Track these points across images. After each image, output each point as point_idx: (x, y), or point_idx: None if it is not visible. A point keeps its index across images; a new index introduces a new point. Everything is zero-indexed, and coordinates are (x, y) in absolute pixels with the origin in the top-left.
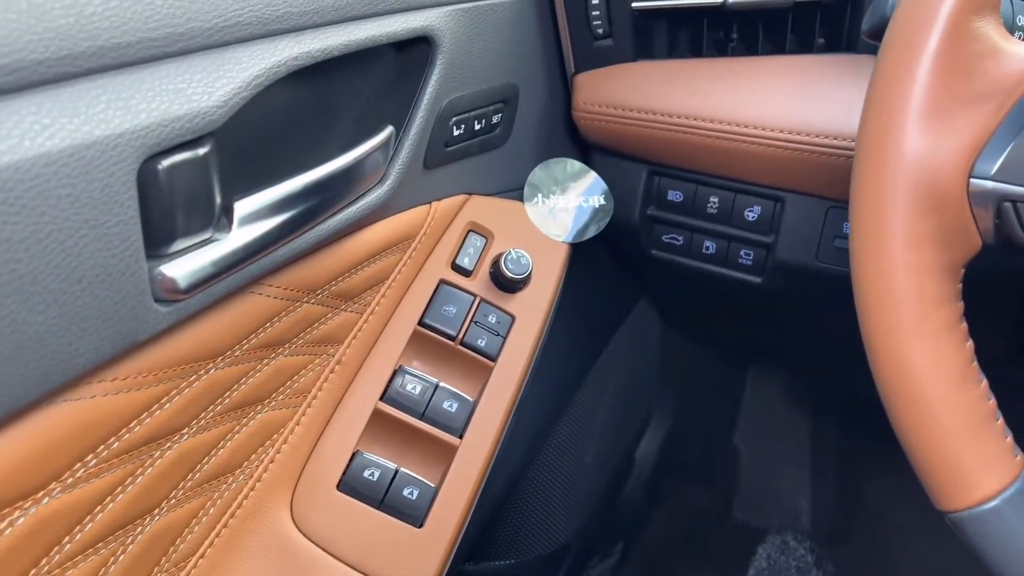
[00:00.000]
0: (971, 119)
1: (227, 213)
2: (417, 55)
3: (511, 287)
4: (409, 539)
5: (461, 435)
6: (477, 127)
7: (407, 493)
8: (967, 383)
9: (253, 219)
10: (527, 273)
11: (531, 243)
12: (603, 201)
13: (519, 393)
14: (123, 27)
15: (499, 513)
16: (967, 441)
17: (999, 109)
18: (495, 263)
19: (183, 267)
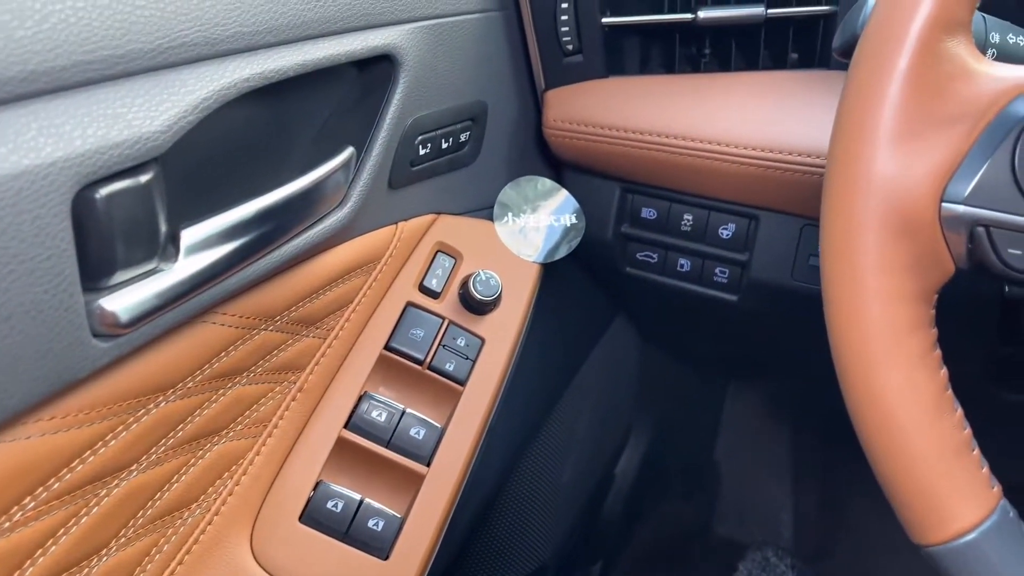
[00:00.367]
0: (942, 141)
1: (173, 242)
2: (379, 73)
3: (480, 309)
4: (374, 572)
5: (429, 462)
6: (444, 146)
7: (372, 524)
8: (941, 412)
9: (202, 247)
10: (497, 294)
11: (501, 263)
12: (575, 220)
13: (489, 417)
14: (57, 50)
15: (471, 540)
16: (942, 472)
17: (971, 131)
18: (464, 284)
19: (124, 300)
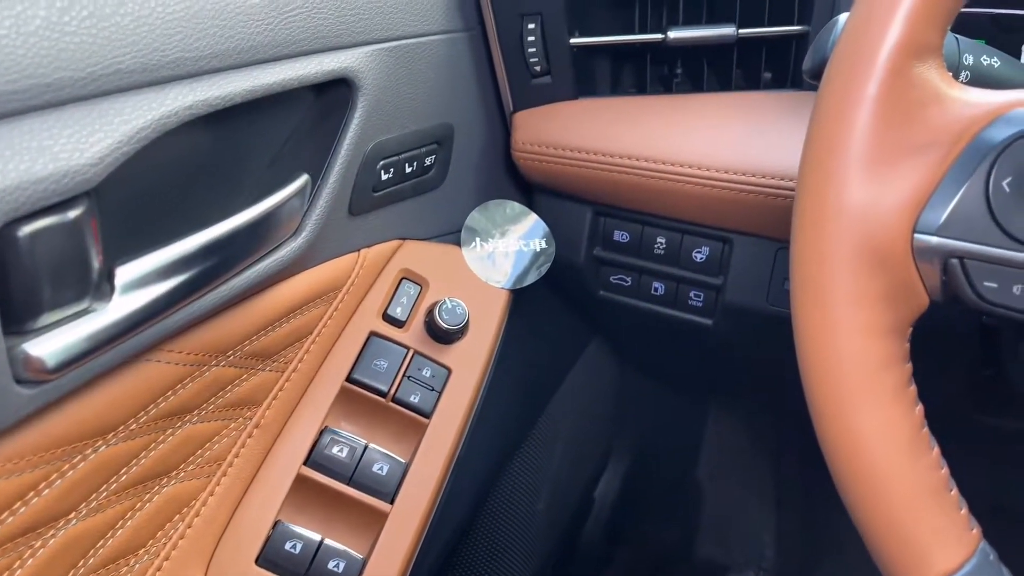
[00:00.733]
0: (914, 170)
1: (108, 280)
2: (336, 98)
3: (447, 338)
4: None
5: (392, 499)
6: (408, 170)
7: (332, 566)
8: (918, 452)
9: (140, 285)
10: (463, 323)
11: (468, 290)
12: (544, 244)
13: (457, 451)
14: None
15: (441, 574)
16: (920, 515)
17: (944, 159)
18: (430, 313)
19: (51, 344)
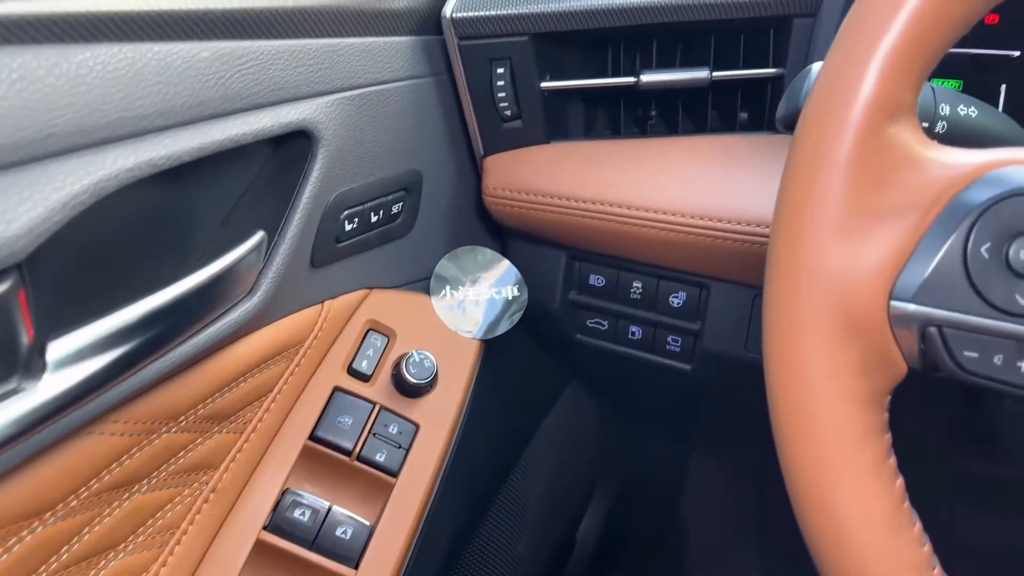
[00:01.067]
0: (889, 235)
1: (40, 355)
2: (296, 150)
3: (414, 392)
4: None
5: (357, 565)
6: (374, 219)
7: None
8: (900, 529)
9: (75, 359)
10: (431, 376)
11: (438, 341)
12: (516, 292)
13: (426, 510)
14: None
15: None
16: None
17: (920, 223)
18: (396, 366)
19: None
